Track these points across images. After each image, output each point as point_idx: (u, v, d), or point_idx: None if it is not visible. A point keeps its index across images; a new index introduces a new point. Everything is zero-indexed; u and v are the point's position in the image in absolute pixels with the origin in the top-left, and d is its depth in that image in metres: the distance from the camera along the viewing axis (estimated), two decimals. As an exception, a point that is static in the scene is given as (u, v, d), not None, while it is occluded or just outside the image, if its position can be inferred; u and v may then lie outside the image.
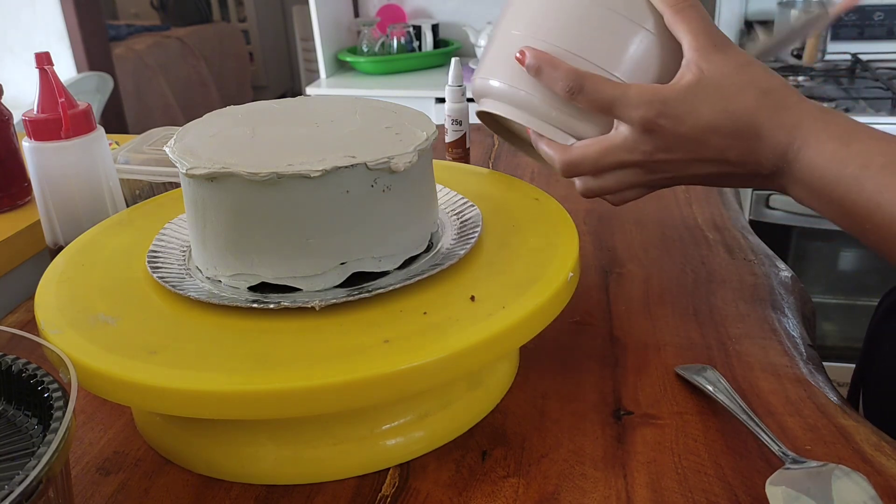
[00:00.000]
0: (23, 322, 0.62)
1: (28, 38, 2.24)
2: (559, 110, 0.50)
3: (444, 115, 0.85)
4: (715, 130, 0.46)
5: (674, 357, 0.53)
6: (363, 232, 0.44)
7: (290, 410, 0.38)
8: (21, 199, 0.77)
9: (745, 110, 0.46)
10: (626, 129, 0.47)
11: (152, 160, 0.73)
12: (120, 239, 0.54)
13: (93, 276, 0.49)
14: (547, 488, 0.41)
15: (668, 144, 0.47)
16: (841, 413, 0.47)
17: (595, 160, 0.49)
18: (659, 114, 0.46)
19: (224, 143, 0.46)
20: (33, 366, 0.37)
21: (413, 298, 0.44)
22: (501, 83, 0.52)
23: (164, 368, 0.38)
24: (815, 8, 0.62)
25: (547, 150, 0.51)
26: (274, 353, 0.40)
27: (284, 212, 0.43)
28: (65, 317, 0.43)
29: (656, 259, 0.67)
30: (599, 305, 0.60)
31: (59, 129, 0.60)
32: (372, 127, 0.48)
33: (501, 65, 0.52)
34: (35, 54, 0.60)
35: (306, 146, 0.45)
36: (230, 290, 0.45)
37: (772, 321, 0.57)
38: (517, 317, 0.41)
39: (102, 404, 0.50)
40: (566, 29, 0.49)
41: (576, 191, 0.54)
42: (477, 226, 0.51)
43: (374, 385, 0.38)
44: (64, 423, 0.32)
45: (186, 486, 0.43)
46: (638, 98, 0.46)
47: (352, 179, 0.43)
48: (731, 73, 0.46)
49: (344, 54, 2.05)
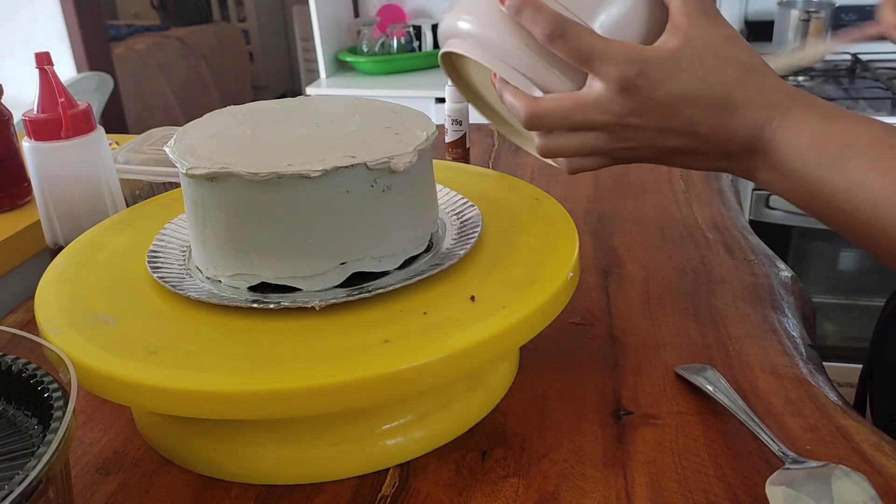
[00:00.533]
0: (23, 322, 0.62)
1: (28, 38, 2.24)
2: (532, 57, 0.47)
3: (444, 115, 0.85)
4: (690, 101, 0.44)
5: (674, 357, 0.53)
6: (363, 232, 0.44)
7: (290, 410, 0.38)
8: (21, 200, 0.77)
9: (724, 83, 0.44)
10: (600, 85, 0.45)
11: (152, 160, 0.73)
12: (120, 239, 0.54)
13: (93, 277, 0.48)
14: (547, 488, 0.41)
15: (640, 108, 0.45)
16: (841, 413, 0.47)
17: (563, 115, 0.46)
18: (638, 74, 0.43)
19: (224, 143, 0.46)
20: (33, 366, 0.37)
21: (413, 298, 0.44)
22: (473, 23, 0.48)
23: (163, 368, 0.38)
24: (821, 44, 0.59)
25: (512, 99, 0.47)
26: (274, 353, 0.40)
27: (284, 212, 0.43)
28: (65, 317, 0.43)
29: (656, 259, 0.67)
30: (599, 305, 0.60)
31: (60, 129, 0.60)
32: (372, 127, 0.48)
33: (475, 4, 0.48)
34: (35, 54, 0.60)
35: (306, 146, 0.45)
36: (230, 290, 0.45)
37: (772, 321, 0.57)
38: (517, 317, 0.41)
39: (102, 404, 0.50)
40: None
41: (576, 190, 0.54)
42: (477, 226, 0.51)
43: (374, 385, 0.37)
44: (64, 423, 0.31)
45: (186, 486, 0.43)
46: (620, 54, 0.44)
47: (352, 179, 0.43)
48: (716, 44, 0.44)
49: (344, 54, 2.05)
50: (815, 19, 1.80)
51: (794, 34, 1.82)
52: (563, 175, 0.89)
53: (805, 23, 1.81)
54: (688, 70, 0.44)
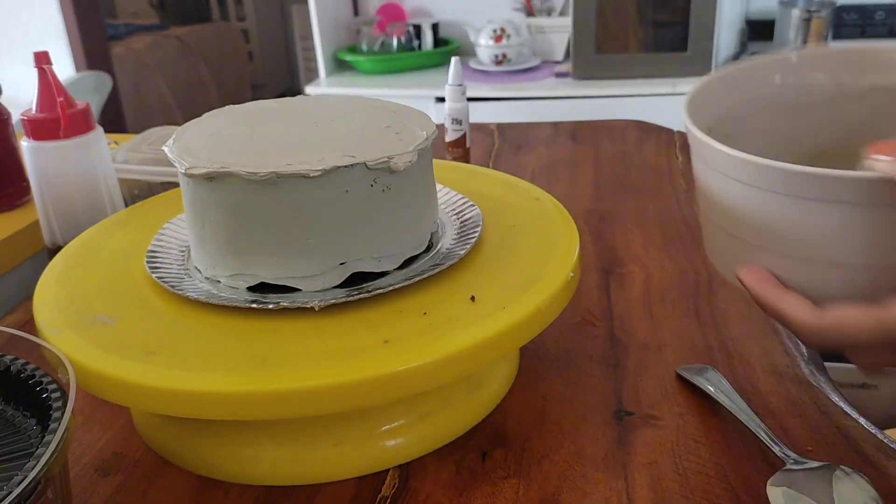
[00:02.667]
0: (21, 322, 0.62)
1: (26, 38, 2.24)
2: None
3: (444, 115, 0.85)
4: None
5: (675, 357, 0.52)
6: (363, 232, 0.44)
7: (290, 411, 0.37)
8: (19, 200, 0.76)
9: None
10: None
11: (151, 160, 0.73)
12: (118, 239, 0.54)
13: (91, 277, 0.48)
14: (547, 489, 0.41)
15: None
16: (842, 413, 0.46)
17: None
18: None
19: (223, 143, 0.46)
20: (31, 366, 0.37)
21: (413, 298, 0.43)
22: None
23: (162, 369, 0.38)
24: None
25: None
26: (273, 353, 0.40)
27: (283, 212, 0.43)
28: (63, 317, 0.43)
29: (657, 259, 0.67)
30: (600, 306, 0.60)
31: (58, 129, 0.60)
32: (371, 126, 0.48)
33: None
34: (34, 53, 0.59)
35: (306, 146, 0.45)
36: (229, 290, 0.45)
37: (773, 321, 0.57)
38: (517, 317, 0.41)
39: (101, 405, 0.50)
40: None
41: (577, 190, 0.54)
42: (477, 226, 0.50)
43: (374, 386, 0.37)
44: (62, 423, 0.31)
45: (185, 487, 0.43)
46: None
47: (351, 179, 0.42)
48: None
49: (343, 53, 2.04)
50: (817, 18, 1.80)
51: (795, 33, 1.82)
52: (563, 175, 0.89)
53: (806, 22, 1.81)
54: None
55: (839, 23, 1.90)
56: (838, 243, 0.36)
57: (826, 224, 0.36)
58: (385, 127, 0.48)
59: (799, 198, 0.36)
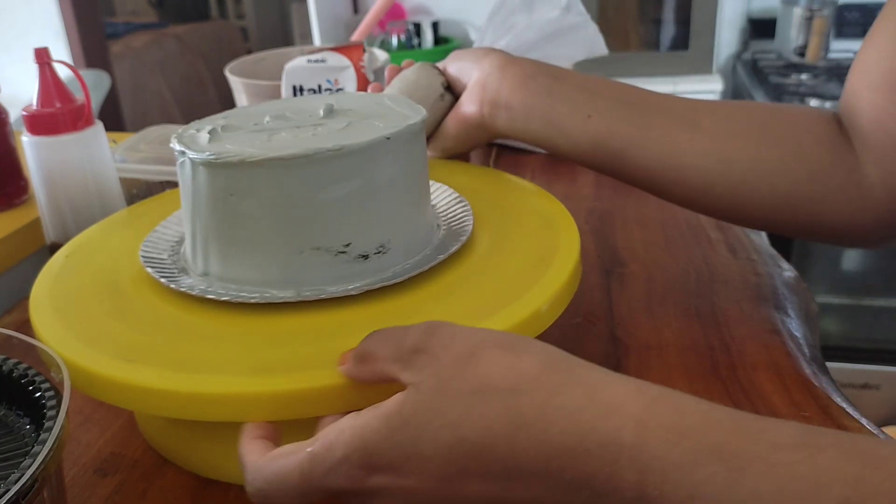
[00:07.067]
0: (20, 321, 0.62)
1: (25, 36, 2.23)
2: None
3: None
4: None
5: (676, 358, 0.52)
6: (359, 229, 0.44)
7: (290, 412, 0.37)
8: (18, 198, 0.76)
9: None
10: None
11: (149, 158, 0.72)
12: (117, 238, 0.53)
13: (89, 277, 0.48)
14: (549, 491, 0.41)
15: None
16: (845, 415, 0.46)
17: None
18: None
19: (224, 136, 0.45)
20: (24, 366, 0.36)
21: (413, 298, 0.43)
22: None
23: (161, 369, 0.38)
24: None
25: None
26: (273, 353, 0.39)
27: (282, 209, 0.42)
28: (60, 316, 0.43)
29: (658, 259, 0.67)
30: (601, 306, 0.59)
31: (58, 124, 0.60)
32: (361, 119, 0.47)
33: None
34: (35, 50, 0.59)
35: (303, 143, 0.44)
36: (227, 286, 0.45)
37: (775, 321, 0.56)
38: (517, 317, 0.41)
39: (100, 405, 0.50)
40: None
41: (577, 189, 0.54)
42: (476, 225, 0.50)
43: (374, 386, 0.37)
44: (58, 421, 0.31)
45: (185, 487, 0.43)
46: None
47: (350, 174, 0.42)
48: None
49: (343, 52, 2.04)
50: (819, 17, 1.80)
51: (796, 32, 1.82)
52: (564, 174, 0.88)
53: (808, 21, 1.81)
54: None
55: (841, 21, 1.90)
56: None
57: None
58: (375, 116, 0.47)
59: None
